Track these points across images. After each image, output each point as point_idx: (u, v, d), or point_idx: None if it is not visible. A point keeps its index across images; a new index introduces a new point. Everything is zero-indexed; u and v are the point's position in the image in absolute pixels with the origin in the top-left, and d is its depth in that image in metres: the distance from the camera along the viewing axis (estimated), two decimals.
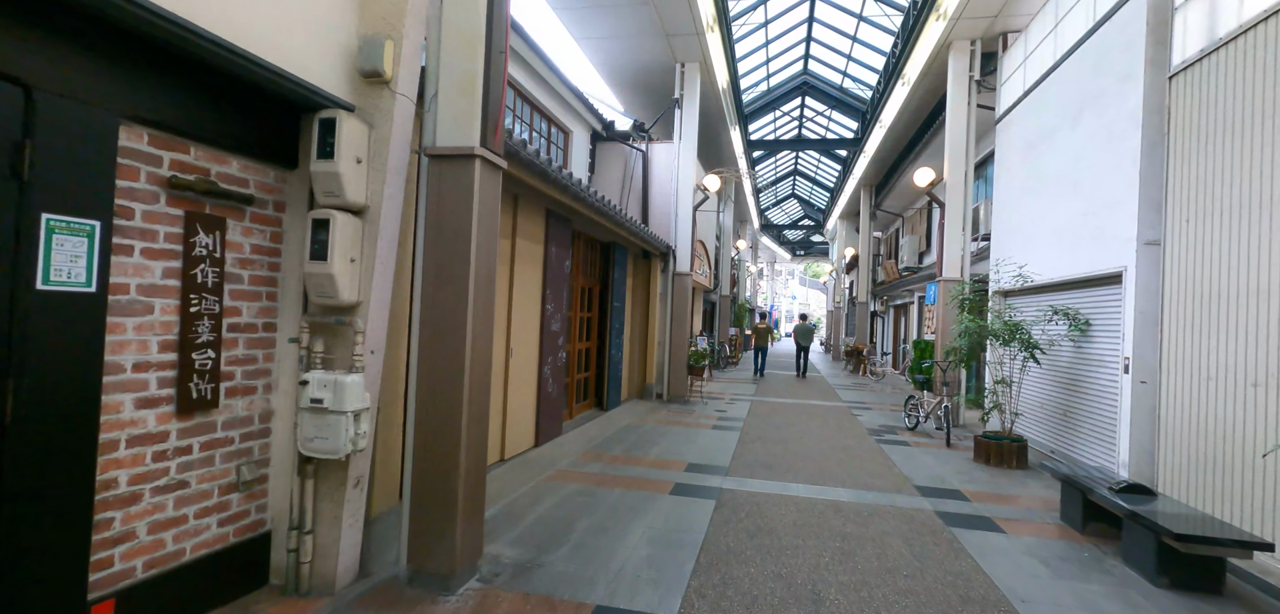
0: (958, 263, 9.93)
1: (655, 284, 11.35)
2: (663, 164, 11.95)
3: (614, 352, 9.92)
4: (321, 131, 3.15)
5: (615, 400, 10.05)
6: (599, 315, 9.82)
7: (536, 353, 6.88)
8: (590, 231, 8.84)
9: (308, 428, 3.11)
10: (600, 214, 7.50)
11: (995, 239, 9.58)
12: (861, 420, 10.13)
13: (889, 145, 16.25)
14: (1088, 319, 6.80)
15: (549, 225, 7.01)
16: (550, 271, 7.08)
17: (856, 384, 16.06)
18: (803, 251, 44.13)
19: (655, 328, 11.34)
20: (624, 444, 7.45)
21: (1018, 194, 8.82)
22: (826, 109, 19.69)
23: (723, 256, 20.28)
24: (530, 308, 6.69)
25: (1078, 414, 6.94)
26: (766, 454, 7.26)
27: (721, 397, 12.41)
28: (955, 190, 9.97)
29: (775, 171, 28.41)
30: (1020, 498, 5.82)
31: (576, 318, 8.77)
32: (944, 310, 9.93)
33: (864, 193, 20.98)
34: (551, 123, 10.55)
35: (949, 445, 8.10)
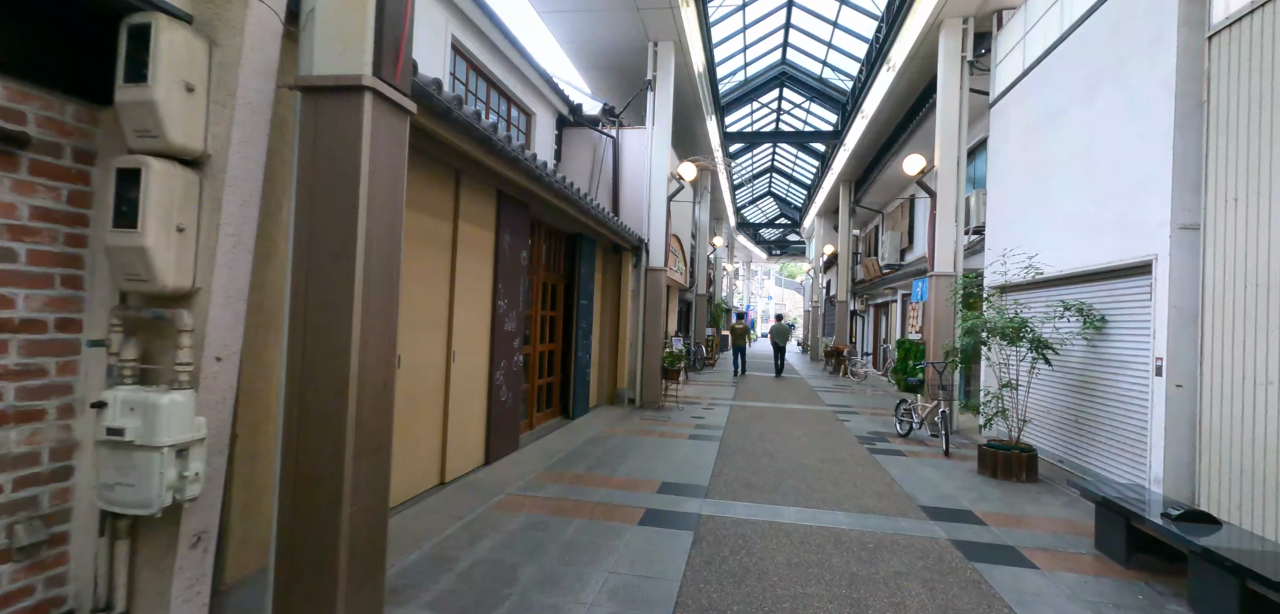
0: (950, 257, 9.25)
1: (627, 280, 10.47)
2: (634, 151, 11.08)
3: (581, 354, 9.01)
4: (131, 44, 2.19)
5: (583, 408, 9.14)
6: (564, 314, 8.91)
7: (487, 357, 5.94)
8: (552, 221, 7.92)
9: (107, 470, 2.15)
10: (561, 198, 6.59)
11: (990, 231, 8.91)
12: (849, 426, 9.38)
13: (871, 138, 15.63)
14: (1103, 315, 6.12)
15: (501, 210, 6.07)
16: (504, 264, 6.14)
17: (838, 386, 15.39)
18: (779, 251, 43.74)
19: (627, 328, 10.46)
20: (589, 459, 6.55)
21: (1016, 182, 8.15)
22: (805, 100, 19.06)
23: (699, 254, 19.50)
24: (478, 305, 5.75)
25: (1093, 421, 6.26)
26: (750, 469, 6.43)
27: (699, 401, 11.59)
28: (947, 179, 9.30)
29: (752, 167, 27.79)
30: (1041, 520, 5.07)
31: (537, 317, 7.84)
32: (936, 308, 9.25)
33: (843, 188, 20.39)
34: (511, 102, 9.60)
35: (947, 454, 7.38)
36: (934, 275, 9.30)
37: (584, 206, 7.17)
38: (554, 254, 8.63)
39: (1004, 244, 8.27)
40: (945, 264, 9.26)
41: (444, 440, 5.20)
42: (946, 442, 7.39)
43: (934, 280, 9.30)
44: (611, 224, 8.65)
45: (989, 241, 8.91)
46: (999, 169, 8.76)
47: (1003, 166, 8.64)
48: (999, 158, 8.77)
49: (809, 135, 19.80)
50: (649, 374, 10.51)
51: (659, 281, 10.56)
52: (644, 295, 10.60)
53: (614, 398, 10.44)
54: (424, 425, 4.90)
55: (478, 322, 5.74)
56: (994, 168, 8.93)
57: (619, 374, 10.46)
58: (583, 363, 9.10)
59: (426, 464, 4.98)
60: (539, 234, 7.85)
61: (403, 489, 4.61)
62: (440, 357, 5.12)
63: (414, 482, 4.80)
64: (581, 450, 6.97)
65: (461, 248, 5.34)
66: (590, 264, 9.33)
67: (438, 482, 5.17)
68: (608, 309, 10.47)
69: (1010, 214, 8.31)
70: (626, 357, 10.48)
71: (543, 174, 5.84)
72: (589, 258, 9.28)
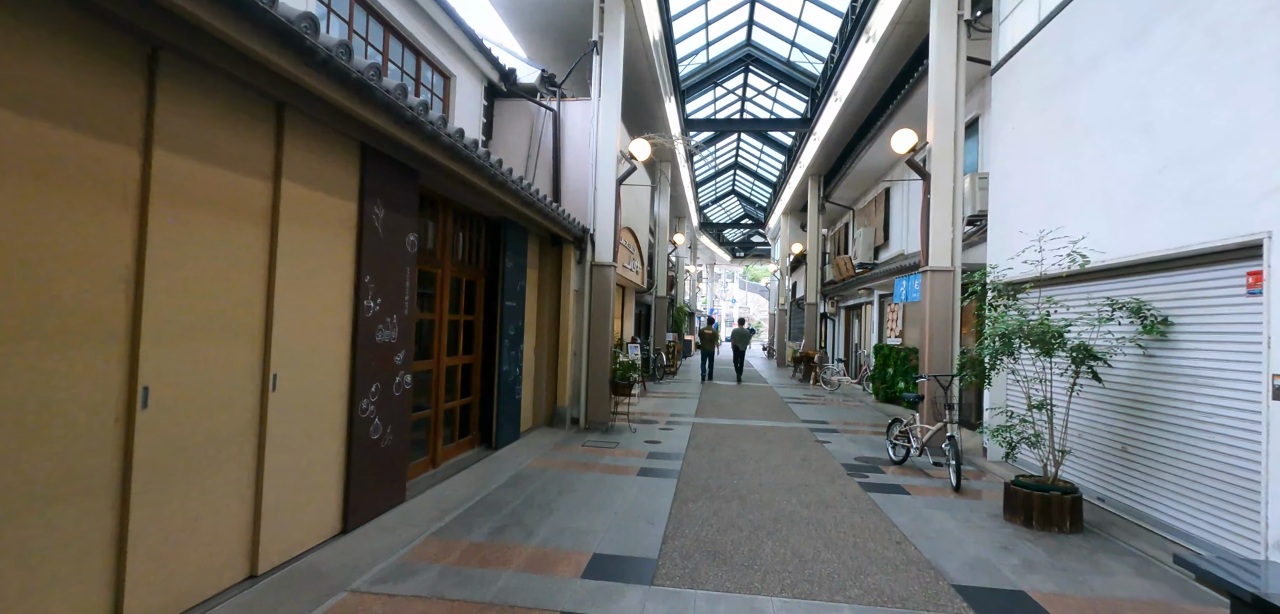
0: (948, 248, 7.88)
1: (568, 278, 8.79)
2: (579, 127, 9.42)
3: (507, 367, 7.28)
4: None
5: (510, 434, 7.41)
6: (485, 318, 7.17)
7: (344, 378, 4.19)
8: (464, 199, 6.20)
9: None
10: (466, 164, 4.89)
11: (994, 218, 7.57)
12: (831, 450, 7.90)
13: (844, 124, 14.35)
14: (1167, 316, 4.74)
15: (370, 173, 4.33)
16: (375, 248, 4.41)
17: (809, 396, 14.01)
18: (743, 252, 42.65)
19: (569, 334, 8.78)
20: (502, 513, 4.85)
21: (1028, 158, 6.81)
22: (772, 85, 17.71)
23: (658, 253, 17.95)
24: (326, 303, 3.99)
25: (1151, 454, 4.87)
26: (716, 523, 4.82)
27: (656, 419, 9.97)
28: (943, 158, 7.93)
29: (715, 163, 26.43)
30: (1123, 606, 3.61)
31: (442, 321, 6.09)
32: (931, 310, 7.86)
33: (812, 183, 19.14)
34: (422, 59, 7.82)
35: (958, 490, 5.93)
36: (929, 271, 7.91)
37: (500, 178, 5.47)
38: (471, 243, 6.90)
39: (1013, 231, 6.92)
40: (942, 257, 7.88)
41: (257, 509, 3.44)
42: (957, 475, 5.94)
43: (928, 277, 7.91)
44: (546, 209, 6.96)
45: (992, 231, 7.57)
46: (1004, 145, 7.42)
47: (1009, 142, 7.30)
48: (1004, 132, 7.44)
49: (776, 123, 18.47)
50: (595, 389, 8.85)
51: (607, 279, 8.92)
52: (589, 296, 8.94)
53: (553, 419, 8.74)
54: (209, 488, 3.13)
55: (324, 327, 3.98)
56: (997, 144, 7.60)
57: (560, 390, 8.76)
58: (510, 378, 7.38)
59: (217, 549, 3.20)
60: (444, 215, 6.11)
61: (159, 600, 2.84)
62: (248, 379, 3.36)
63: (187, 582, 3.02)
64: (495, 498, 5.25)
65: (288, 219, 3.59)
66: (520, 257, 7.63)
67: (245, 574, 3.40)
68: (546, 312, 8.77)
69: (1020, 194, 6.96)
70: (569, 369, 8.80)
71: (430, 124, 4.12)
72: (519, 249, 7.57)
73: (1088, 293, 5.48)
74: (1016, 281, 5.67)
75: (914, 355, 11.56)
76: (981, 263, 8.32)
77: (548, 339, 8.78)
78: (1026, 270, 5.67)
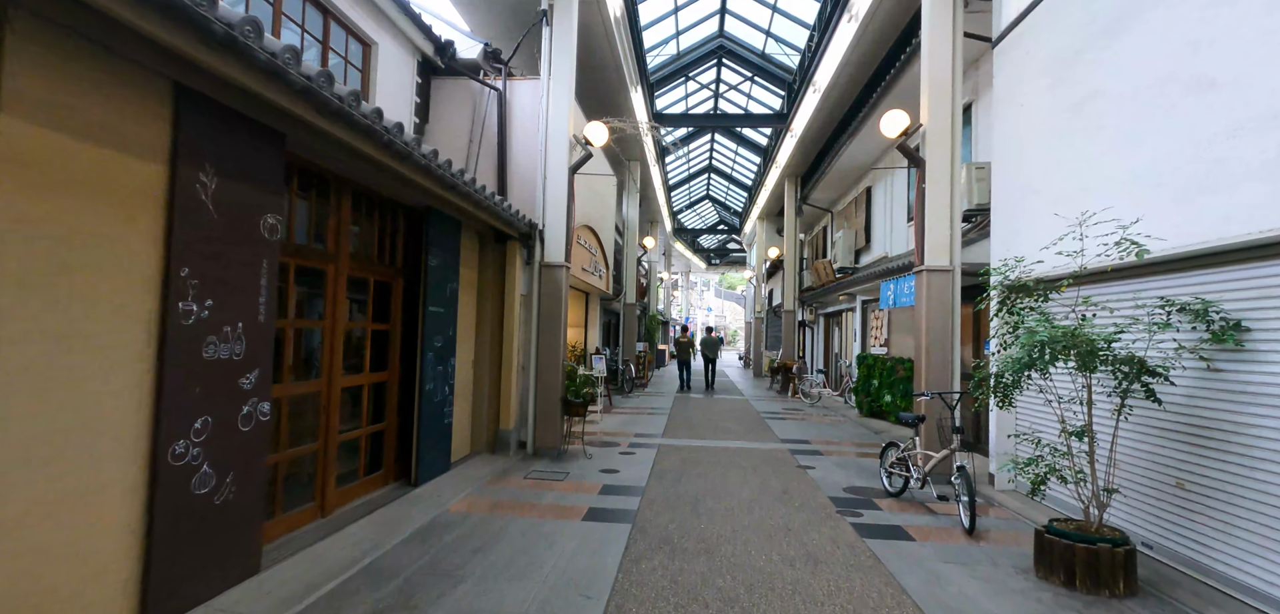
0: (946, 245, 6.89)
1: (513, 280, 7.60)
2: (528, 109, 8.27)
3: (433, 385, 6.06)
4: None
5: (437, 465, 6.18)
6: (405, 327, 5.94)
7: (141, 411, 2.95)
8: (369, 180, 5.00)
9: None
10: (347, 126, 3.69)
11: (999, 211, 6.61)
12: (816, 478, 6.82)
13: (822, 119, 13.43)
14: (1240, 320, 3.76)
15: (188, 123, 3.12)
16: (199, 230, 3.19)
17: (788, 410, 12.97)
18: (718, 259, 41.80)
19: (514, 345, 7.58)
20: (388, 588, 3.64)
21: (1043, 139, 5.86)
22: (746, 79, 16.77)
23: (627, 256, 16.83)
24: (98, 307, 2.76)
25: (1220, 493, 3.87)
26: (675, 594, 3.68)
27: (618, 440, 8.81)
28: (939, 141, 6.95)
29: (688, 166, 25.46)
30: None
31: (335, 331, 4.85)
32: (928, 315, 6.85)
33: (789, 184, 18.24)
34: (331, 17, 6.59)
35: (972, 533, 4.88)
36: (925, 271, 6.91)
37: (400, 148, 4.28)
38: (384, 236, 5.68)
39: (1022, 225, 5.96)
40: (939, 255, 6.89)
41: None
42: (970, 514, 4.88)
43: (924, 278, 6.91)
44: (475, 196, 5.78)
45: (997, 225, 6.60)
46: (1009, 128, 6.47)
47: (1015, 124, 6.36)
48: (1008, 113, 6.50)
49: (751, 119, 17.51)
50: (545, 409, 7.65)
51: (558, 282, 7.74)
52: (537, 301, 7.75)
53: (496, 444, 7.52)
54: None
55: (96, 342, 2.75)
56: (1000, 127, 6.65)
57: (504, 410, 7.54)
58: (436, 399, 6.15)
59: None
60: (339, 199, 4.90)
61: None
62: None
63: None
64: (389, 561, 4.03)
65: (13, 180, 2.37)
66: (450, 255, 6.43)
67: None
68: (487, 321, 7.56)
69: (1030, 183, 6.00)
70: (514, 386, 7.59)
71: (267, 52, 2.92)
72: (448, 246, 6.37)
73: (1135, 291, 4.48)
74: (1049, 278, 4.64)
75: (902, 366, 10.59)
76: (984, 262, 7.37)
77: (490, 352, 7.57)
78: (1062, 263, 4.64)
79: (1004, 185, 6.54)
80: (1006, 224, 6.42)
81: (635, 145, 15.63)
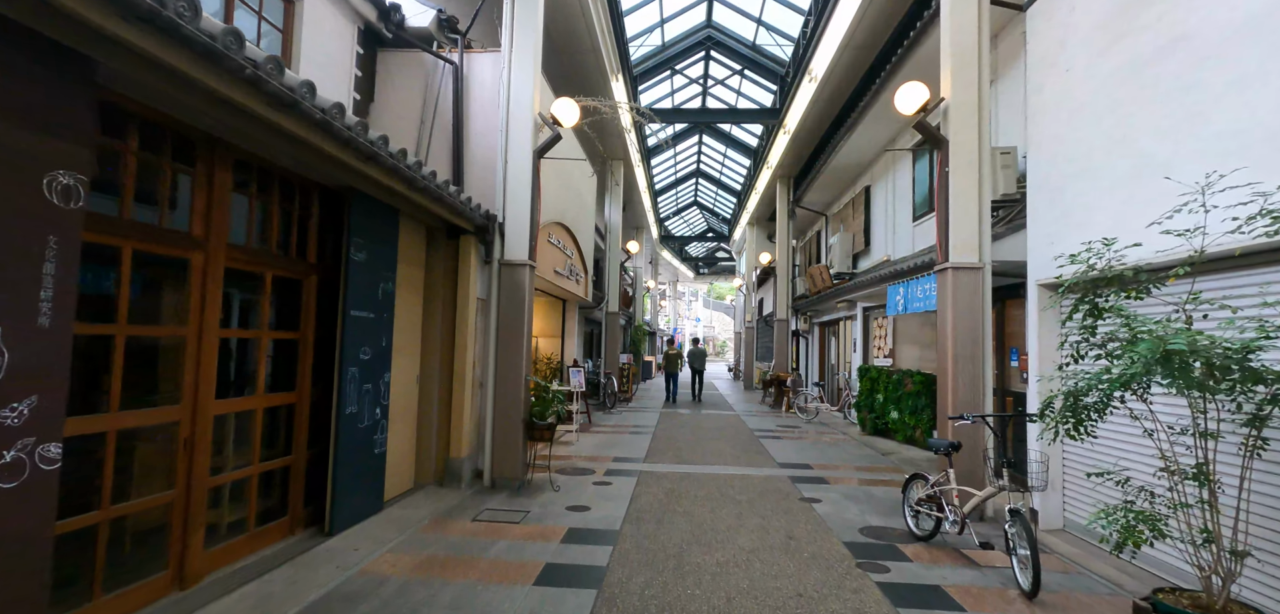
0: (974, 238, 5.86)
1: (468, 281, 6.47)
2: (488, 86, 7.17)
3: (356, 407, 4.90)
4: None
5: (364, 506, 5.01)
6: (320, 335, 4.79)
7: None
8: (260, 148, 3.86)
9: None
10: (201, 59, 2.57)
11: (1040, 193, 5.59)
12: (824, 515, 5.73)
13: (818, 112, 12.46)
14: None
15: None
16: None
17: (783, 427, 11.89)
18: (706, 268, 40.81)
19: (468, 358, 6.44)
20: None
21: (1105, 103, 4.85)
22: (736, 72, 15.79)
23: (609, 262, 15.72)
24: None
25: None
26: None
27: (594, 466, 7.66)
28: (964, 117, 5.94)
29: (676, 169, 24.46)
30: None
31: (201, 340, 3.68)
32: (954, 321, 5.81)
33: (781, 186, 17.27)
34: None
35: (1034, 598, 3.80)
36: (949, 269, 5.87)
37: (290, 100, 3.16)
38: (289, 221, 4.54)
39: (1074, 212, 4.96)
40: (967, 250, 5.85)
41: None
42: (1033, 575, 3.79)
43: (949, 277, 5.87)
44: (409, 173, 4.66)
45: (1037, 214, 5.58)
46: (1050, 100, 5.48)
47: (1058, 93, 5.37)
48: (1048, 82, 5.51)
49: (742, 114, 16.51)
50: (505, 433, 6.50)
51: (520, 284, 6.61)
52: (496, 307, 6.62)
53: (446, 474, 6.35)
54: None
55: None
56: (1038, 99, 5.66)
57: (455, 435, 6.38)
58: (361, 425, 4.99)
59: None
60: (215, 168, 3.75)
61: None
62: None
63: None
64: None
65: None
66: (383, 248, 5.29)
67: None
68: (435, 329, 6.42)
69: (1083, 162, 4.99)
70: (468, 406, 6.44)
71: None
72: (380, 238, 5.24)
73: (1263, 284, 3.43)
74: (1152, 267, 3.58)
75: (910, 379, 9.56)
76: (1013, 259, 6.36)
77: (439, 366, 6.42)
78: (1171, 245, 3.55)
79: (1045, 167, 5.53)
80: (1050, 210, 5.40)
81: (618, 142, 14.58)
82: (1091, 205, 4.87)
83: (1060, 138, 5.36)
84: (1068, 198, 5.17)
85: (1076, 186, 5.08)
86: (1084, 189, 4.97)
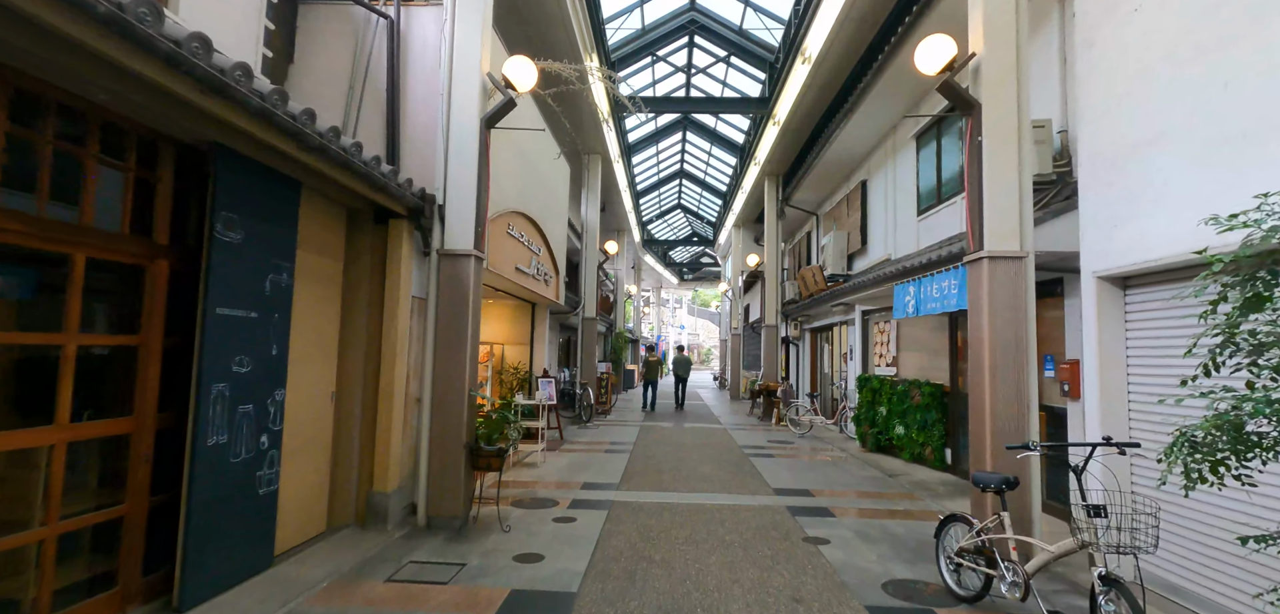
0: (1014, 221, 4.81)
1: (399, 276, 5.29)
2: (431, 46, 6.01)
3: (229, 436, 3.70)
4: None
5: (240, 566, 3.80)
6: (171, 341, 3.58)
7: None
8: (43, 71, 2.68)
9: None
10: None
11: (1094, 166, 4.56)
12: (836, 563, 4.62)
13: (811, 98, 11.46)
14: None
15: None
16: None
17: (775, 442, 10.80)
18: (691, 273, 39.79)
19: (397, 370, 5.25)
20: None
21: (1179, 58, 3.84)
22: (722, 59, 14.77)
23: (587, 263, 14.58)
24: None
25: None
26: None
27: (559, 494, 6.49)
28: (1000, 77, 4.90)
29: (659, 168, 23.42)
30: None
31: None
32: (990, 321, 4.75)
33: (769, 183, 16.28)
34: None
35: None
36: (984, 258, 4.81)
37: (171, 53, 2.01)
38: (124, 186, 3.35)
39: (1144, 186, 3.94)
40: (1005, 237, 4.81)
41: None
42: None
43: (984, 269, 4.82)
44: (307, 135, 3.51)
45: (1093, 193, 4.56)
46: (1112, 54, 4.46)
47: (1117, 48, 4.35)
48: (1101, 36, 4.50)
49: (729, 104, 15.47)
50: (442, 462, 5.31)
51: (463, 279, 5.44)
52: (435, 307, 5.45)
53: (368, 514, 5.13)
54: None
55: None
56: (1090, 55, 4.64)
57: (382, 465, 5.18)
58: (236, 458, 3.78)
59: None
60: None
61: None
62: None
63: None
64: None
65: None
66: (273, 228, 4.10)
67: None
68: (359, 333, 5.23)
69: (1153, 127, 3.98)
70: (399, 427, 5.24)
71: None
72: (268, 216, 4.05)
73: None
74: None
75: (918, 390, 8.52)
76: (1048, 249, 5.34)
77: (362, 379, 5.22)
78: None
79: (1102, 135, 4.50)
80: (1108, 188, 4.37)
81: (595, 134, 13.48)
82: (1169, 181, 3.85)
83: (1122, 98, 4.34)
84: (1134, 172, 4.15)
85: (1146, 156, 4.06)
86: (1160, 161, 3.95)
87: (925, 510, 6.24)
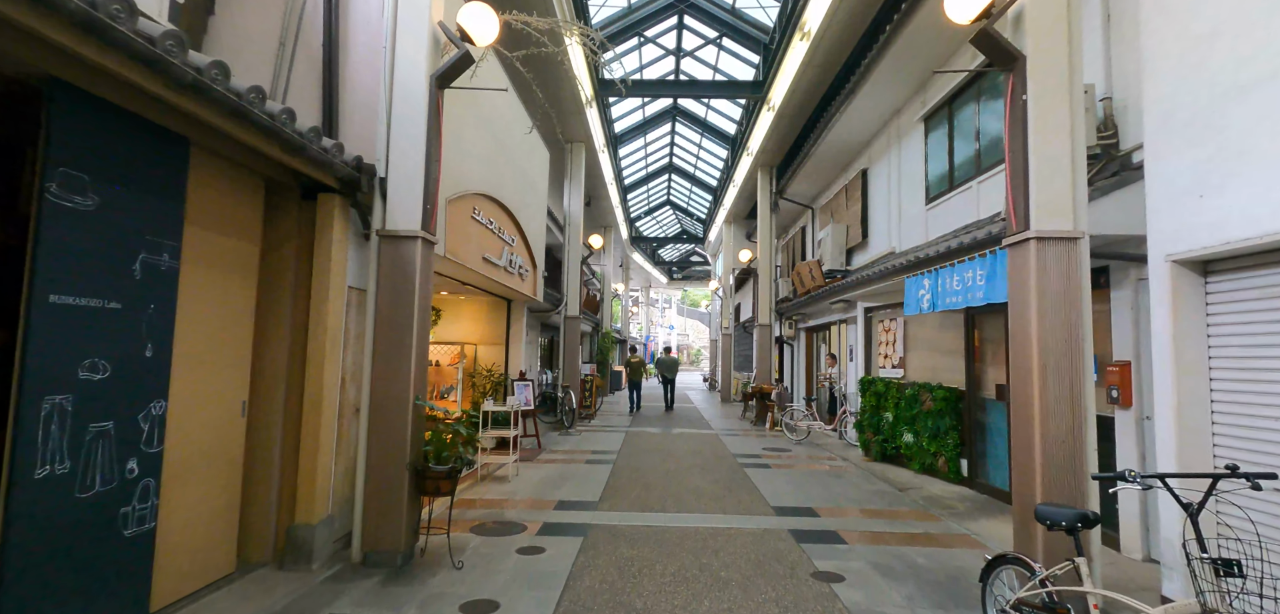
0: (1066, 197, 4.01)
1: (329, 261, 4.41)
2: None
3: (61, 465, 2.80)
4: None
5: None
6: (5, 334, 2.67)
7: None
8: None
9: None
10: None
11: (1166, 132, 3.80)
12: (851, 607, 3.80)
13: (810, 79, 10.68)
14: None
15: None
16: None
17: (771, 450, 9.99)
18: (680, 272, 38.98)
19: (327, 375, 4.36)
20: None
21: None
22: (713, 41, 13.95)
23: (570, 258, 13.71)
24: None
25: None
26: None
27: (528, 517, 5.63)
28: (1048, 24, 4.10)
29: (646, 163, 22.58)
30: None
31: None
32: (1039, 315, 3.96)
33: (762, 175, 15.51)
34: None
35: None
36: (1031, 239, 4.01)
37: None
38: None
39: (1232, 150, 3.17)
40: (1055, 215, 4.00)
41: None
42: None
43: (1032, 252, 4.01)
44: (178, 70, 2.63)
45: (1163, 160, 3.78)
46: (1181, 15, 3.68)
47: None
48: None
49: (721, 88, 14.62)
50: (381, 484, 4.43)
51: (408, 265, 4.56)
52: (379, 296, 4.56)
53: (289, 551, 4.24)
54: None
55: None
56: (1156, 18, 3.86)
57: (307, 489, 4.30)
58: (79, 494, 2.89)
59: None
60: None
61: None
62: None
63: None
64: None
65: None
66: (145, 197, 3.21)
67: None
68: (280, 331, 4.35)
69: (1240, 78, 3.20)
70: (327, 444, 4.36)
71: None
72: (143, 181, 3.17)
73: None
74: None
75: (929, 394, 7.75)
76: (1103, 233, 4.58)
77: (283, 386, 4.33)
78: None
79: (1181, 87, 3.72)
80: (1192, 151, 3.59)
81: (578, 120, 12.62)
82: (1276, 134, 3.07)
83: (1208, 36, 3.56)
84: (1228, 127, 3.36)
85: (1243, 108, 3.28)
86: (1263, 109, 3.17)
87: (948, 533, 5.44)
